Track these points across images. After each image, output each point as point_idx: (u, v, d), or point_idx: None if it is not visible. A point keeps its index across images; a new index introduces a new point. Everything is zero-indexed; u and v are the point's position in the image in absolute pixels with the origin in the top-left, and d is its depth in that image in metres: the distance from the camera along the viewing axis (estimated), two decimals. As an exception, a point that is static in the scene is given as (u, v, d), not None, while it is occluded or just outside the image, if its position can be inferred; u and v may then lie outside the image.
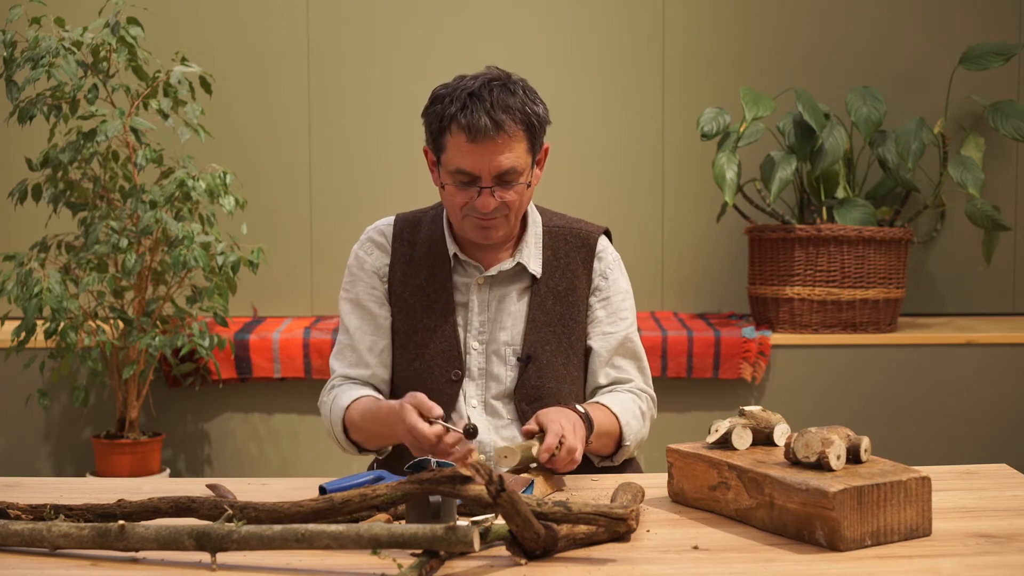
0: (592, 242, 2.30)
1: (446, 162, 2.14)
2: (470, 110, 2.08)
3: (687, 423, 3.86)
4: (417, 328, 2.24)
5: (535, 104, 2.15)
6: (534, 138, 2.15)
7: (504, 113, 2.09)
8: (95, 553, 1.64)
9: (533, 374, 2.21)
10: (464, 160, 2.10)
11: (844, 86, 4.20)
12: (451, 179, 2.14)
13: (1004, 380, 3.93)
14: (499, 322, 2.23)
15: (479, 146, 2.09)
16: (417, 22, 4.34)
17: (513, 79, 2.17)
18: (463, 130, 2.09)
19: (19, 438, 3.84)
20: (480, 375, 2.23)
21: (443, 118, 2.12)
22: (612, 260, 2.32)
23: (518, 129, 2.11)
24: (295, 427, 3.91)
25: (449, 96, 2.12)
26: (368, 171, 4.35)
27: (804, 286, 3.96)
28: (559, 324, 2.24)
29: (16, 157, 3.92)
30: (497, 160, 2.10)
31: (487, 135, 2.08)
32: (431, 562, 1.53)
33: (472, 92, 2.11)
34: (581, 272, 2.27)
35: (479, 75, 2.16)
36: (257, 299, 4.31)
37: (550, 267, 2.26)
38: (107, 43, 3.49)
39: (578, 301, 2.26)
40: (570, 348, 2.24)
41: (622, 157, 4.39)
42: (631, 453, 2.24)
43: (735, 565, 1.58)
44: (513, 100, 2.11)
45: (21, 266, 3.45)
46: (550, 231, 2.28)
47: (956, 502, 1.87)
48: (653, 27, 4.38)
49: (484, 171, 2.10)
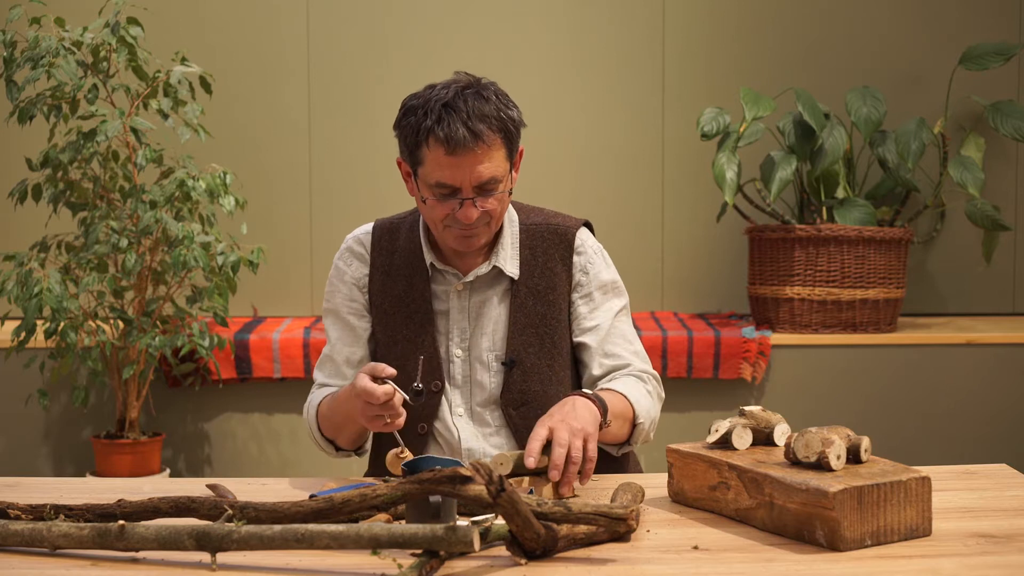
0: (570, 237, 2.25)
1: (424, 175, 2.10)
2: (446, 122, 2.04)
3: (687, 423, 3.86)
4: (397, 339, 2.22)
5: (509, 109, 2.11)
6: (511, 144, 2.12)
7: (481, 122, 2.05)
8: (95, 553, 1.64)
9: (518, 378, 2.19)
10: (443, 173, 2.07)
11: (844, 86, 4.20)
12: (430, 192, 2.10)
13: (1004, 380, 3.93)
14: (480, 328, 2.21)
15: (458, 158, 2.05)
16: (417, 22, 4.34)
17: (484, 84, 2.13)
18: (441, 143, 2.05)
19: (19, 438, 3.84)
20: (464, 383, 2.21)
21: (419, 131, 2.07)
22: (592, 253, 2.27)
23: (496, 137, 2.07)
24: (295, 427, 3.91)
25: (423, 108, 2.08)
26: (368, 171, 4.35)
27: (804, 286, 3.96)
28: (541, 325, 2.21)
29: (16, 157, 3.92)
30: (477, 171, 2.06)
31: (465, 146, 2.04)
32: (431, 562, 1.53)
33: (446, 103, 2.06)
34: (560, 269, 2.24)
35: (449, 83, 2.11)
36: (257, 299, 4.31)
37: (528, 267, 2.22)
38: (107, 43, 3.49)
39: (559, 299, 2.23)
40: (554, 348, 2.21)
41: (622, 157, 4.39)
42: (646, 435, 2.18)
43: (735, 565, 1.58)
44: (488, 107, 2.07)
45: (21, 266, 3.45)
46: (527, 229, 2.25)
47: (956, 502, 1.87)
48: (653, 27, 4.38)
49: (464, 182, 2.07)
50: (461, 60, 4.33)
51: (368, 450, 2.27)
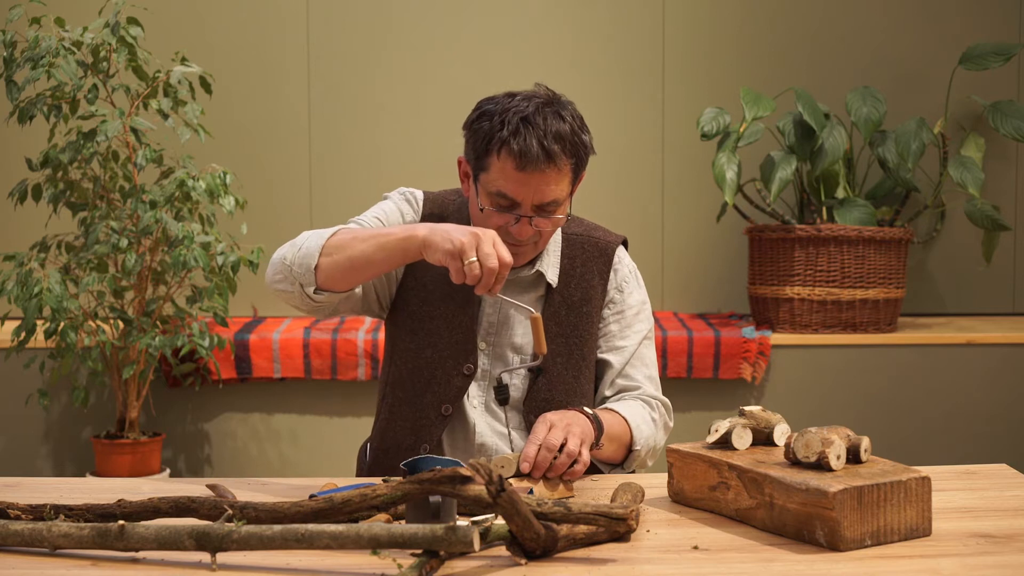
0: (610, 252, 2.25)
1: (486, 182, 2.06)
2: (523, 136, 2.01)
3: (687, 423, 3.86)
4: (433, 315, 2.18)
5: (584, 133, 2.08)
6: (579, 169, 2.09)
7: (556, 143, 2.02)
8: (95, 553, 1.64)
9: (543, 386, 2.17)
10: (508, 186, 2.04)
11: (844, 86, 4.21)
12: (489, 200, 2.07)
13: (1004, 380, 3.93)
14: (509, 327, 2.20)
15: (527, 175, 2.02)
16: (417, 22, 4.34)
17: (564, 103, 2.09)
18: (513, 156, 2.01)
19: (19, 438, 3.84)
20: (483, 376, 2.20)
21: (491, 139, 2.04)
22: (628, 272, 2.27)
23: (567, 160, 2.04)
24: (295, 427, 3.91)
25: (499, 116, 2.04)
26: (368, 171, 4.35)
27: (804, 286, 3.96)
28: (572, 336, 2.20)
29: (16, 157, 3.92)
30: (542, 191, 2.04)
31: (537, 165, 2.01)
32: (431, 562, 1.53)
33: (525, 117, 2.02)
34: (597, 283, 2.23)
35: (530, 95, 2.07)
36: (257, 299, 4.31)
37: (566, 276, 2.21)
38: (107, 43, 3.49)
39: (592, 312, 2.22)
40: (582, 360, 2.20)
41: (622, 157, 4.39)
42: (643, 461, 2.18)
43: (735, 565, 1.58)
44: (565, 129, 2.03)
45: (21, 266, 3.45)
46: (568, 239, 2.24)
47: (956, 502, 1.87)
48: (653, 27, 4.38)
49: (527, 199, 2.04)
50: (461, 60, 4.34)
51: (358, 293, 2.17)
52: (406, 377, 2.20)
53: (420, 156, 4.33)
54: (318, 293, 2.06)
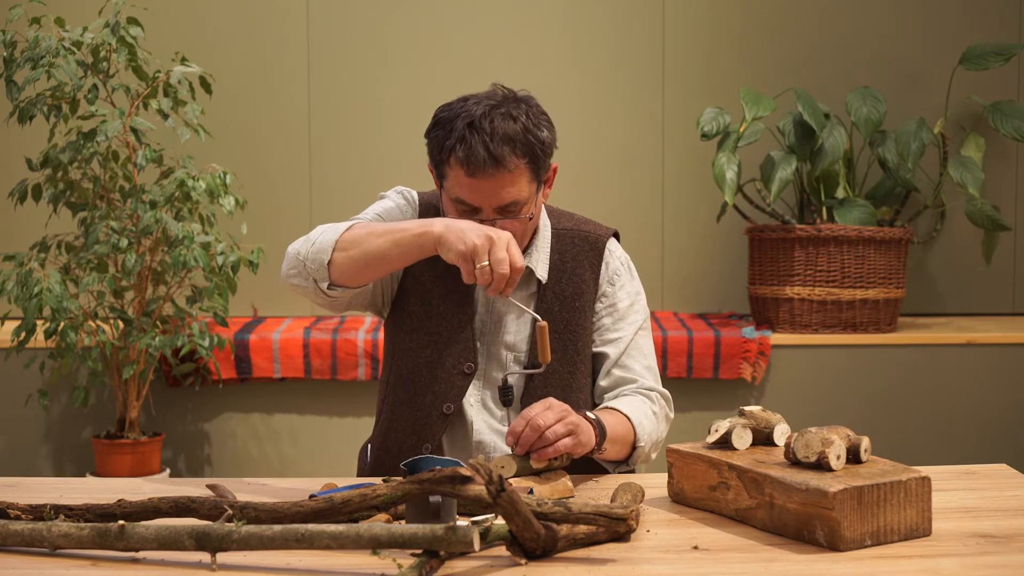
0: (600, 245, 2.25)
1: (448, 189, 2.07)
2: (468, 143, 2.00)
3: (687, 423, 3.85)
4: (432, 314, 2.18)
5: (539, 130, 2.06)
6: (537, 166, 2.08)
7: (504, 145, 2.01)
8: (95, 553, 1.64)
9: (539, 383, 2.17)
10: (464, 192, 2.04)
11: (844, 86, 4.20)
12: (452, 207, 2.08)
13: (1004, 380, 3.93)
14: (503, 326, 2.20)
15: (477, 180, 2.02)
16: (417, 22, 4.34)
17: (518, 100, 2.08)
18: (461, 164, 2.02)
19: (19, 438, 3.84)
20: (479, 375, 2.19)
21: (443, 148, 2.04)
22: (620, 264, 2.26)
23: (519, 161, 2.03)
24: (295, 427, 3.91)
25: (449, 123, 2.04)
26: (368, 171, 4.35)
27: (804, 286, 3.96)
28: (565, 331, 2.19)
29: (16, 157, 3.92)
30: (499, 194, 2.03)
31: (485, 170, 2.01)
32: (431, 562, 1.53)
33: (471, 122, 2.01)
34: (588, 276, 2.22)
35: (481, 98, 2.06)
36: (257, 299, 4.31)
37: (557, 271, 2.20)
38: (107, 43, 3.49)
39: (584, 307, 2.21)
40: (576, 355, 2.20)
41: (622, 157, 4.39)
42: (647, 457, 2.17)
43: (735, 565, 1.58)
44: (514, 129, 2.02)
45: (21, 266, 3.45)
46: (558, 234, 2.23)
47: (956, 502, 1.87)
48: (653, 27, 4.38)
49: (484, 203, 2.05)
50: (461, 60, 4.34)
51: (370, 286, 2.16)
52: (407, 377, 2.20)
53: (420, 156, 4.27)
54: (332, 288, 2.05)
